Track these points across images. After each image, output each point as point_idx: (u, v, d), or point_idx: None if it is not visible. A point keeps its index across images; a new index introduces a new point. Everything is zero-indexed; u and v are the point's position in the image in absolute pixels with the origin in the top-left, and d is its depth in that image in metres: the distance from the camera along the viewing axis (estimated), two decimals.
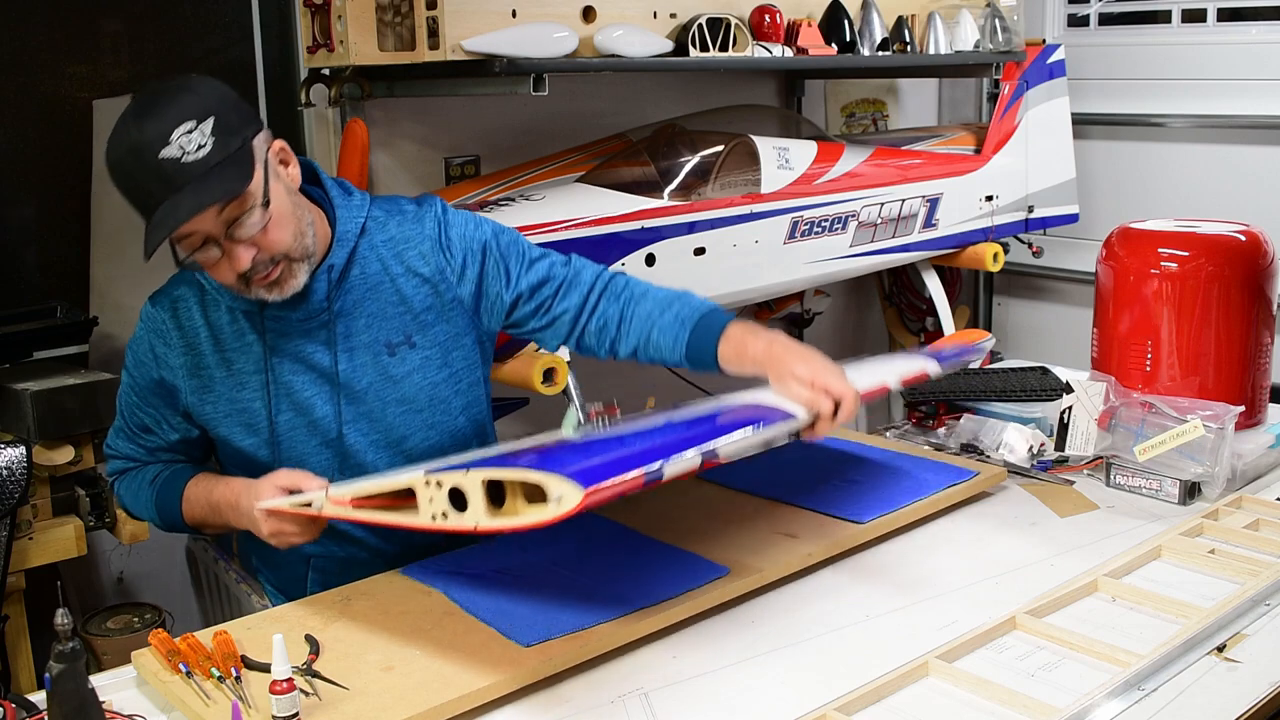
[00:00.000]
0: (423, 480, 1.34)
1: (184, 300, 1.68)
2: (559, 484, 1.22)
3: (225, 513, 1.63)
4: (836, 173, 3.08)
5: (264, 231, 1.51)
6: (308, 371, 1.67)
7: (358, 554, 1.76)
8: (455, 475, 1.31)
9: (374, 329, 1.68)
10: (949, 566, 1.70)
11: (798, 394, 1.53)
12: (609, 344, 1.76)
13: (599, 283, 1.77)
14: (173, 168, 1.43)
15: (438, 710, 1.30)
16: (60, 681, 1.20)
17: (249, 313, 1.65)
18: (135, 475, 1.75)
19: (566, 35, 2.43)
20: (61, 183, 2.68)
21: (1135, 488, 1.96)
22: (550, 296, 1.76)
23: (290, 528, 1.55)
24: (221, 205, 1.47)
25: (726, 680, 1.40)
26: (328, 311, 1.65)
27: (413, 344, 1.70)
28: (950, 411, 2.29)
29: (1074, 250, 3.88)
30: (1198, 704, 1.33)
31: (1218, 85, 3.64)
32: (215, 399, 1.67)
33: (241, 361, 1.66)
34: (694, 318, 1.69)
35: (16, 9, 2.58)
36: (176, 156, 1.43)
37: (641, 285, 1.78)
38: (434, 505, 1.33)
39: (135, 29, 2.73)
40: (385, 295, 1.69)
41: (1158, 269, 2.10)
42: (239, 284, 1.55)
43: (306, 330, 1.65)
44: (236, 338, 1.66)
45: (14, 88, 2.61)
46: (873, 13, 3.08)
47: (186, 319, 1.66)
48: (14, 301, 2.60)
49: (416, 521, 1.36)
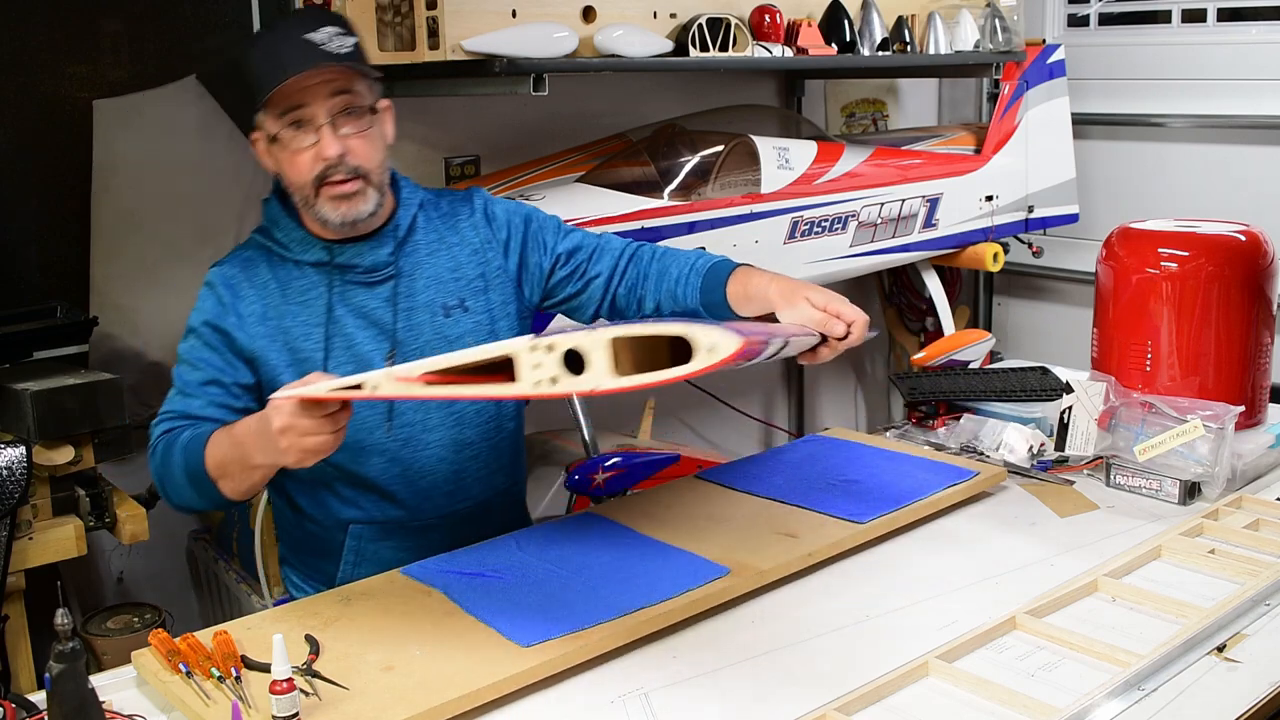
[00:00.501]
0: (528, 346, 1.27)
1: (251, 260, 1.76)
2: (709, 334, 1.17)
3: (246, 443, 1.54)
4: (836, 173, 3.08)
5: (360, 137, 1.65)
6: (369, 327, 1.74)
7: (397, 515, 1.79)
8: (574, 337, 1.24)
9: (431, 290, 1.78)
10: (949, 566, 1.70)
11: (810, 316, 1.59)
12: (636, 303, 1.85)
13: (627, 249, 1.89)
14: (310, 47, 1.60)
15: (438, 710, 1.30)
16: (60, 681, 1.20)
17: (317, 264, 1.74)
18: (173, 438, 1.67)
19: (566, 35, 2.43)
20: (61, 183, 2.67)
21: (1135, 488, 1.96)
22: (584, 261, 1.87)
23: (305, 423, 1.41)
24: (348, 79, 1.62)
25: (726, 680, 1.40)
26: (394, 266, 1.75)
27: (465, 308, 1.80)
28: (950, 411, 2.29)
29: (1074, 250, 3.88)
30: (1198, 704, 1.33)
31: (1218, 85, 3.64)
32: (279, 348, 1.72)
33: (305, 313, 1.73)
34: (706, 266, 1.80)
35: (16, 9, 2.58)
36: (320, 41, 1.60)
37: (663, 249, 1.89)
38: (540, 371, 1.26)
39: (135, 29, 2.73)
40: (441, 261, 1.80)
41: (1158, 269, 2.10)
42: (310, 187, 1.65)
43: (370, 285, 1.75)
44: (302, 291, 1.74)
45: (14, 88, 2.61)
46: (873, 13, 3.08)
47: (255, 273, 1.74)
48: (14, 301, 2.60)
49: (512, 391, 1.28)
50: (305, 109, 1.63)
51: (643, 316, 1.84)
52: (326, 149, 1.63)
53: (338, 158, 1.63)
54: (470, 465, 1.82)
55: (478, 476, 1.83)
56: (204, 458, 1.60)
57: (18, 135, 2.63)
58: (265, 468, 1.56)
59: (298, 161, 1.65)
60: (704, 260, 1.82)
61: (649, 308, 1.83)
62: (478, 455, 1.83)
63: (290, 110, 1.63)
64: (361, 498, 1.78)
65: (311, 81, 1.62)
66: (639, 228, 2.67)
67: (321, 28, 1.63)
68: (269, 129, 1.66)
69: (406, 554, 1.77)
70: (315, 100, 1.62)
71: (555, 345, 1.26)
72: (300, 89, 1.62)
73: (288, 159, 1.66)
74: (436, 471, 1.79)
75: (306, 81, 1.61)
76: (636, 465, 2.87)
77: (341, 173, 1.64)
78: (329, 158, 1.63)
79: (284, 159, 1.67)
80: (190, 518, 3.03)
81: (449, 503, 1.81)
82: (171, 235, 2.68)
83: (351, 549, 1.80)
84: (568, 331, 1.28)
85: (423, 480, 1.79)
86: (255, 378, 1.73)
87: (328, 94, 1.63)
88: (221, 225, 2.73)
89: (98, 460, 2.27)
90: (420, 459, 1.78)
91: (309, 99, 1.62)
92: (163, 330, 2.67)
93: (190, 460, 1.61)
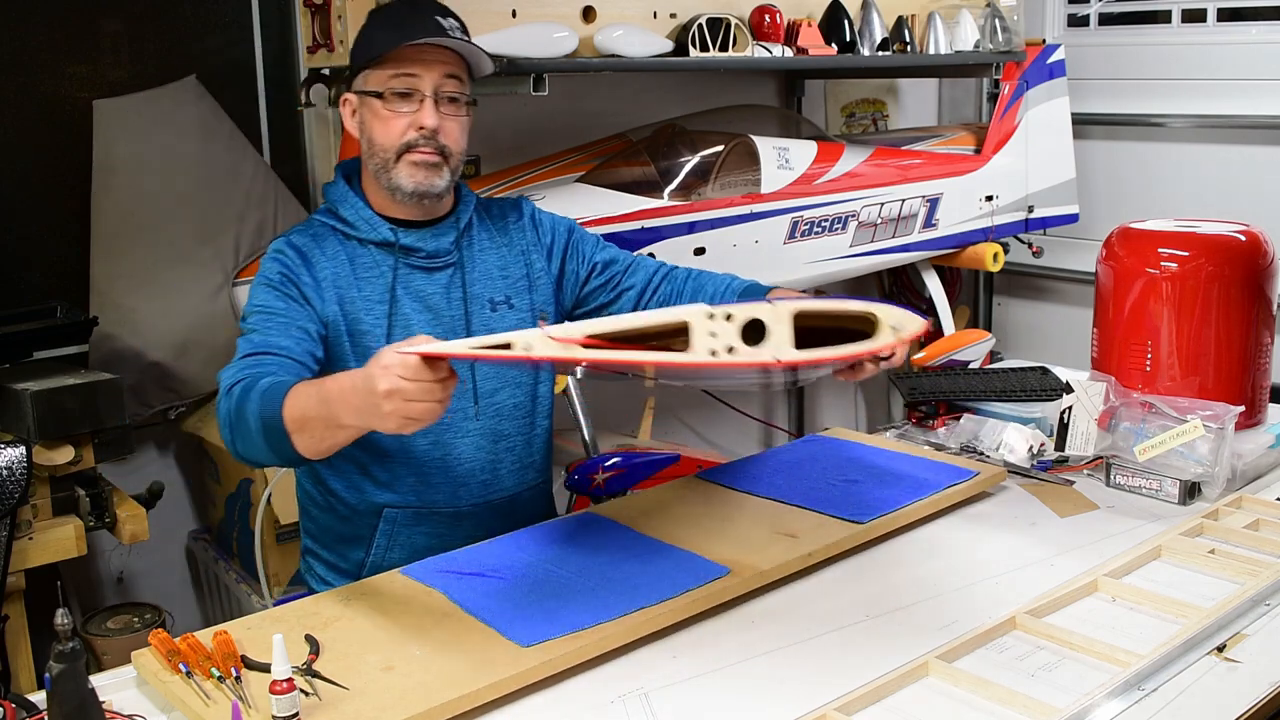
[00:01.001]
0: (705, 314, 1.26)
1: (321, 234, 1.82)
2: (895, 314, 1.20)
3: (339, 401, 1.40)
4: (836, 173, 3.08)
5: (454, 119, 1.77)
6: (424, 312, 1.81)
7: (432, 500, 1.83)
8: (755, 307, 1.24)
9: (482, 284, 1.87)
10: (949, 566, 1.70)
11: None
12: None
13: (662, 268, 1.98)
14: (439, 27, 1.73)
15: (438, 710, 1.30)
16: (60, 681, 1.20)
17: (382, 244, 1.81)
18: (251, 381, 1.56)
19: (566, 35, 2.43)
20: (61, 183, 2.67)
21: (1135, 488, 1.96)
22: (619, 273, 1.96)
23: (414, 387, 1.30)
24: (460, 67, 1.76)
25: (726, 680, 1.40)
26: (456, 252, 1.84)
27: (511, 305, 1.88)
28: (950, 411, 2.29)
29: (1074, 250, 3.88)
30: (1198, 704, 1.33)
31: (1218, 85, 3.64)
32: (346, 314, 1.77)
33: (368, 290, 1.79)
34: (741, 287, 1.90)
35: (16, 9, 2.58)
36: (447, 29, 1.74)
37: (698, 270, 1.98)
38: (717, 340, 1.25)
39: (135, 29, 2.74)
40: (492, 258, 1.89)
41: (1158, 269, 2.10)
42: (394, 151, 1.74)
43: (430, 270, 1.83)
44: (367, 269, 1.80)
45: (14, 88, 2.61)
46: (873, 13, 3.08)
47: (325, 244, 1.81)
48: (14, 301, 2.60)
49: (684, 359, 1.26)
50: (416, 78, 1.73)
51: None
52: (425, 118, 1.73)
53: (432, 130, 1.73)
54: (506, 457, 1.88)
55: (511, 469, 1.89)
56: (282, 406, 1.47)
57: (18, 135, 2.63)
58: (354, 429, 1.44)
59: (391, 125, 1.74)
60: (740, 282, 1.91)
61: None
62: (513, 448, 1.89)
63: (402, 75, 1.73)
64: (398, 481, 1.83)
65: (430, 56, 1.73)
66: (639, 227, 2.67)
67: (449, 18, 1.77)
68: (371, 84, 1.74)
69: (438, 541, 1.83)
70: (428, 73, 1.73)
71: (734, 315, 1.25)
72: (419, 58, 1.72)
73: (381, 121, 1.74)
74: (474, 460, 1.85)
75: (426, 54, 1.73)
76: (636, 465, 2.87)
77: (429, 146, 1.74)
78: (426, 127, 1.73)
79: (376, 121, 1.75)
80: (189, 517, 3.03)
81: (483, 492, 1.87)
82: (171, 235, 2.68)
83: (384, 533, 1.84)
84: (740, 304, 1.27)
85: (460, 467, 1.84)
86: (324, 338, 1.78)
87: (441, 73, 1.74)
88: (221, 225, 2.73)
89: (98, 460, 2.27)
90: (459, 445, 1.84)
91: (423, 70, 1.73)
92: (163, 330, 2.67)
93: (267, 408, 1.49)
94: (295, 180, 2.98)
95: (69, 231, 2.68)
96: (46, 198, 2.68)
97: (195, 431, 2.81)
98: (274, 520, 2.61)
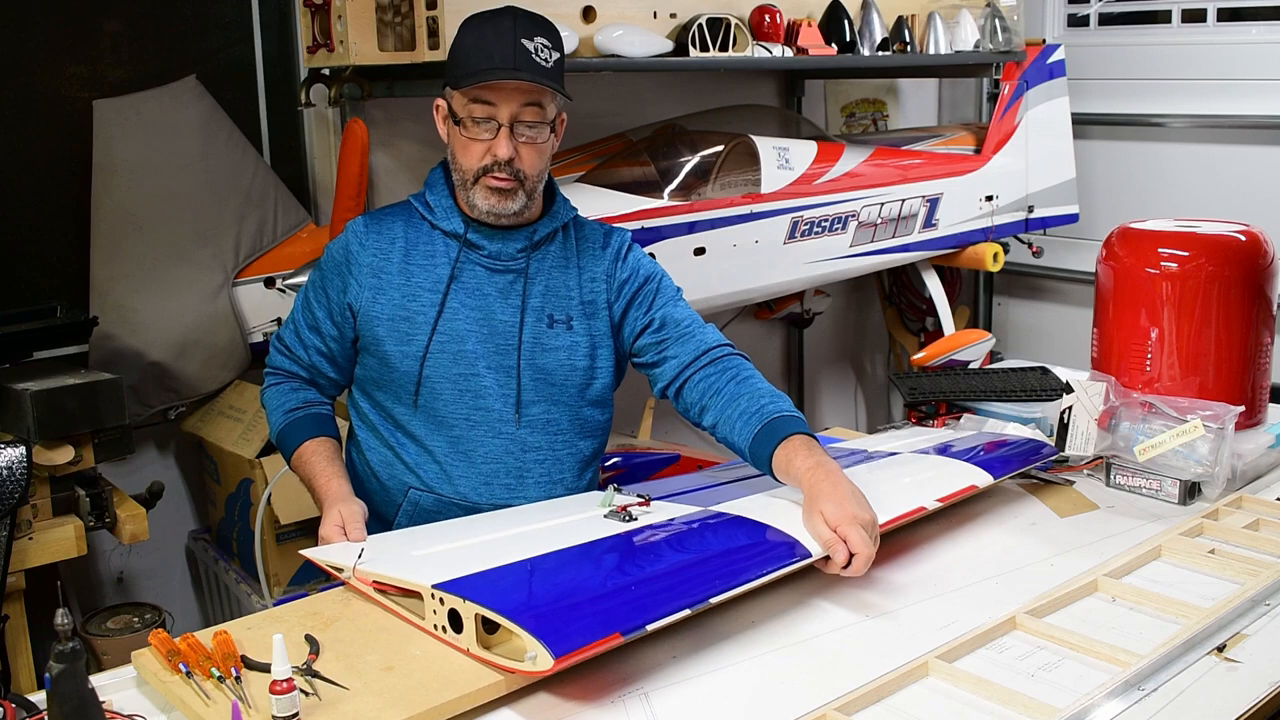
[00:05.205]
0: (429, 591, 1.43)
1: (390, 217, 1.89)
2: (536, 644, 1.29)
3: (313, 489, 1.83)
4: (836, 173, 3.08)
5: (530, 145, 1.78)
6: (476, 309, 1.84)
7: (452, 493, 1.87)
8: (455, 599, 1.39)
9: (544, 298, 1.87)
10: (949, 566, 1.70)
11: (819, 532, 1.58)
12: (700, 409, 1.86)
13: (717, 350, 1.88)
14: (521, 53, 1.73)
15: (438, 710, 1.30)
16: (60, 681, 1.19)
17: (451, 234, 1.85)
18: (282, 388, 1.95)
19: (566, 35, 2.43)
20: (61, 183, 2.67)
21: (1135, 488, 1.96)
22: (670, 338, 1.90)
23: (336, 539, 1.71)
24: (541, 94, 1.75)
25: (726, 680, 1.40)
26: (521, 262, 1.86)
27: (570, 326, 1.88)
28: (950, 411, 2.29)
29: (1074, 250, 3.88)
30: (1198, 704, 1.33)
31: (1218, 85, 3.64)
32: (385, 301, 1.84)
33: (421, 276, 1.84)
34: (769, 417, 1.75)
35: (16, 9, 2.58)
36: (530, 50, 1.74)
37: (750, 371, 1.86)
38: (437, 617, 1.42)
39: (135, 29, 2.73)
40: (560, 277, 1.89)
41: (1157, 269, 2.10)
42: (472, 173, 1.78)
43: (492, 271, 1.85)
44: (427, 256, 1.85)
45: (14, 88, 2.61)
46: (873, 13, 3.08)
47: (386, 229, 1.87)
48: (14, 301, 2.60)
49: (425, 625, 1.45)
50: (494, 107, 1.75)
51: (699, 425, 1.87)
52: (499, 150, 1.76)
53: (506, 160, 1.76)
54: (534, 468, 1.90)
55: (537, 480, 1.90)
56: (292, 449, 1.87)
57: (18, 135, 2.63)
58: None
59: (470, 148, 1.78)
60: (774, 406, 1.77)
61: (707, 422, 1.85)
62: (542, 461, 1.90)
63: (480, 102, 1.75)
64: (423, 467, 1.88)
65: (508, 86, 1.74)
66: (639, 228, 2.67)
67: (536, 36, 1.75)
68: (455, 106, 1.78)
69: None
70: (505, 103, 1.75)
71: (445, 601, 1.41)
72: (498, 86, 1.74)
73: (462, 142, 1.79)
74: (500, 461, 1.87)
75: (504, 85, 1.73)
76: (636, 465, 2.88)
77: (505, 172, 1.77)
78: (499, 158, 1.76)
79: (456, 142, 1.81)
80: (189, 517, 3.03)
81: (506, 495, 1.88)
82: (171, 235, 2.68)
83: (406, 514, 1.89)
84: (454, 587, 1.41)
85: (485, 465, 1.87)
86: (353, 330, 1.87)
87: (519, 101, 1.75)
88: (221, 225, 2.73)
89: (98, 460, 2.27)
90: (489, 444, 1.86)
91: (500, 100, 1.75)
92: (163, 330, 2.67)
93: (284, 441, 1.90)
94: (295, 180, 2.97)
95: (69, 231, 2.68)
96: (46, 198, 2.67)
97: (195, 431, 2.81)
98: (274, 520, 2.61)
